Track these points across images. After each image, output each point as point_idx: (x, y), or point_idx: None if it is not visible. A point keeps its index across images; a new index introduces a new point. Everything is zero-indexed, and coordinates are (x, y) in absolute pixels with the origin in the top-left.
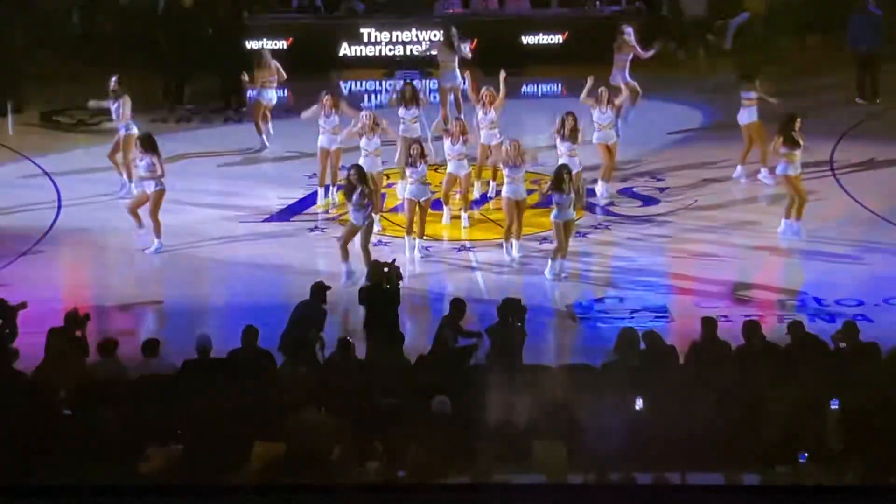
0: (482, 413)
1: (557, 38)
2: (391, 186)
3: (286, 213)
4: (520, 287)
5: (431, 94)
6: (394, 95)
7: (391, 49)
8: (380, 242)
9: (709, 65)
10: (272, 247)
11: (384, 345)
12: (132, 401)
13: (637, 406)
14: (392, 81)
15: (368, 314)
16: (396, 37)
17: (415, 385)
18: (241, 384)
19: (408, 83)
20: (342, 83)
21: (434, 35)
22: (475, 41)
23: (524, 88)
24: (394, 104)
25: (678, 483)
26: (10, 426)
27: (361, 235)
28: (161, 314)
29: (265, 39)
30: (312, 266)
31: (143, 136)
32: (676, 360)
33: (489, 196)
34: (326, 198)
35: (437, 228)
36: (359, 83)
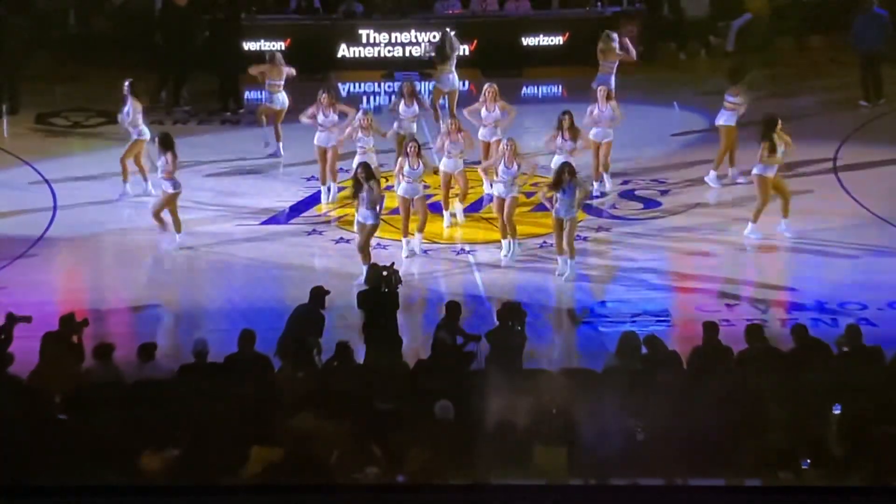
0: (482, 418)
1: (558, 40)
2: (389, 189)
3: (284, 216)
4: (520, 290)
5: (430, 96)
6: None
7: (390, 50)
8: (378, 245)
9: (710, 66)
10: (269, 250)
11: (383, 349)
12: (128, 406)
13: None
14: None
15: (367, 318)
16: (395, 38)
17: (414, 389)
18: (239, 388)
19: (407, 81)
20: (341, 84)
21: (434, 36)
22: (475, 42)
23: (524, 91)
24: (394, 109)
25: (679, 484)
26: (4, 431)
27: (364, 234)
28: (158, 318)
29: (262, 41)
30: (311, 269)
31: (162, 135)
32: (678, 365)
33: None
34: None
35: (438, 229)
36: (357, 85)
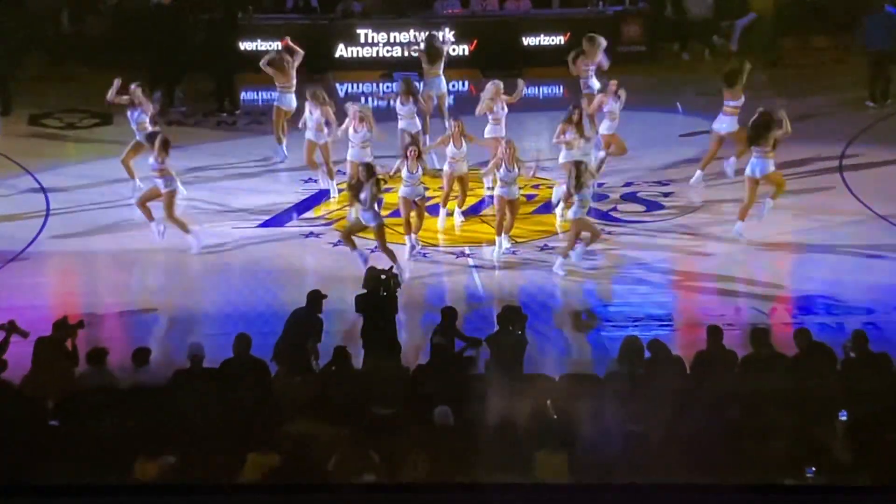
0: (482, 423)
1: (559, 39)
2: (388, 191)
3: (282, 218)
4: (521, 292)
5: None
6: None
7: (388, 50)
8: (375, 249)
9: (714, 66)
10: (266, 253)
11: (381, 353)
12: (122, 411)
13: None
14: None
15: (365, 322)
16: (394, 38)
17: (413, 395)
18: (235, 393)
19: (405, 79)
20: (338, 84)
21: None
22: (475, 42)
23: (524, 91)
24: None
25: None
26: None
27: (376, 237)
28: (152, 322)
29: (259, 41)
30: (308, 272)
31: (152, 133)
32: (681, 370)
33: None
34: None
35: (434, 229)
36: (355, 85)
